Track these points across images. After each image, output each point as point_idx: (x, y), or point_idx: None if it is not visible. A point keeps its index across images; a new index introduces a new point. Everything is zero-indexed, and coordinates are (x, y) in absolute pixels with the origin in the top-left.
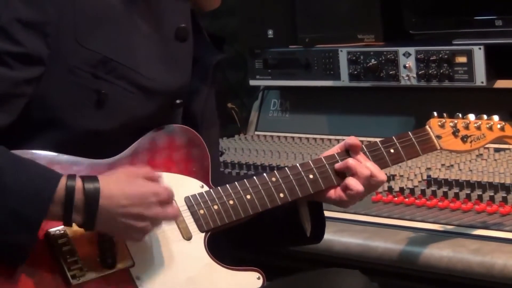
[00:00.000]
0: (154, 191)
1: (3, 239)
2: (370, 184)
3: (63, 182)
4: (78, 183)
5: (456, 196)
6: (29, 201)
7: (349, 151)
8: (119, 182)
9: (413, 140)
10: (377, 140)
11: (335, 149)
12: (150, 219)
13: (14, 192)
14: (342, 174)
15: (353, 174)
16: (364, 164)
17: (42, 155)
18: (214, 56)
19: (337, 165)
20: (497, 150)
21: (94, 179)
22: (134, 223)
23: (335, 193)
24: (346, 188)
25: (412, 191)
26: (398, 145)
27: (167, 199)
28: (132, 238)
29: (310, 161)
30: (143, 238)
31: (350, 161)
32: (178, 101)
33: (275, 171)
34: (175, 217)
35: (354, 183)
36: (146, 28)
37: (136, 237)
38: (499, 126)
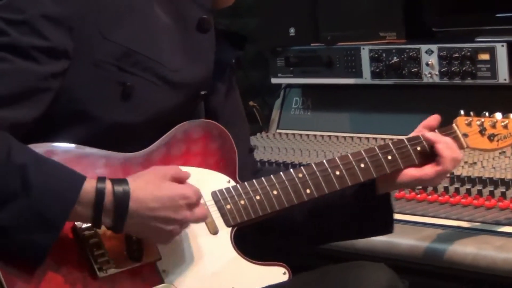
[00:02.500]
0: (182, 194)
1: (23, 238)
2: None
3: (92, 184)
4: (108, 185)
5: (480, 193)
6: (53, 201)
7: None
8: (148, 185)
9: None
10: (403, 137)
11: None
12: (179, 221)
13: (38, 191)
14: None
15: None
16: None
17: (74, 148)
18: (231, 54)
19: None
20: None
21: (123, 181)
22: (163, 226)
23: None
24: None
25: (435, 189)
26: (424, 143)
27: (195, 202)
28: (160, 240)
29: (336, 158)
30: (171, 241)
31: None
32: (202, 92)
33: (301, 167)
34: (204, 219)
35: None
36: (168, 20)
37: (164, 239)
38: None
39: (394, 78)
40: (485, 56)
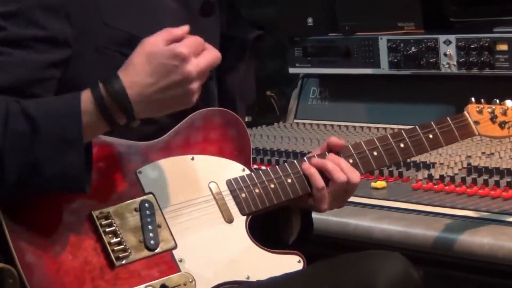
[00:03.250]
0: (171, 55)
1: (56, 169)
2: (346, 189)
3: (88, 93)
4: (101, 88)
5: (497, 184)
6: (61, 123)
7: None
8: (138, 66)
9: (452, 125)
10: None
11: (317, 150)
12: (185, 80)
13: (44, 121)
14: None
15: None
16: (341, 168)
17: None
18: (251, 33)
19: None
20: None
21: (114, 77)
22: (174, 92)
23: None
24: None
25: (452, 179)
26: (436, 130)
27: (189, 54)
28: (183, 105)
29: (350, 146)
30: (194, 99)
31: (329, 164)
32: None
33: (315, 155)
34: (213, 61)
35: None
36: (172, 4)
37: (185, 103)
38: None
39: (412, 69)
40: (503, 47)
